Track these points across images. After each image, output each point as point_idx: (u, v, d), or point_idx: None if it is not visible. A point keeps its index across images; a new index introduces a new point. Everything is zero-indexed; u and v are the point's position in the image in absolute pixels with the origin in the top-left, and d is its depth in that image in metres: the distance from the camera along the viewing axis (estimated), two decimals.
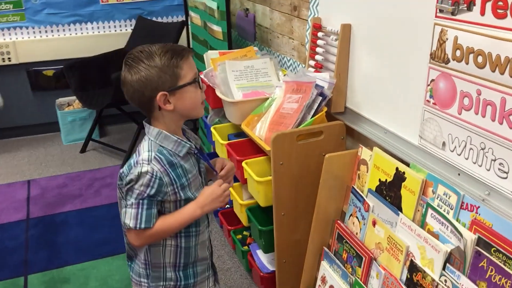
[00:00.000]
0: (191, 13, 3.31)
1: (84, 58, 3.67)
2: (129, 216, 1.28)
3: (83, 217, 2.85)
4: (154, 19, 4.04)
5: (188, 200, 1.34)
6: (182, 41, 3.69)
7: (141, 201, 1.27)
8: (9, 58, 3.79)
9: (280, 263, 1.99)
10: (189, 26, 3.53)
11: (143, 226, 1.28)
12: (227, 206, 2.61)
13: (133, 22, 4.03)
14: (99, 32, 4.01)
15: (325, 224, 1.84)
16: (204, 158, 1.42)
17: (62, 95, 3.99)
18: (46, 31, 3.88)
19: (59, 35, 3.92)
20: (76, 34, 3.96)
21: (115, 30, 4.05)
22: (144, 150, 1.29)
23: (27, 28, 3.81)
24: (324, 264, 1.80)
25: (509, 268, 1.17)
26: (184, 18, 3.98)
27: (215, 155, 2.51)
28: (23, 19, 3.80)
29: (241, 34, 2.98)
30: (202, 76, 2.45)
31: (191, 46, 3.59)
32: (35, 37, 3.85)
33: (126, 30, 4.06)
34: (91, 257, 2.48)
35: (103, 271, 2.39)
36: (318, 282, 1.83)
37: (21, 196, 3.08)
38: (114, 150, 3.73)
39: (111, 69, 3.70)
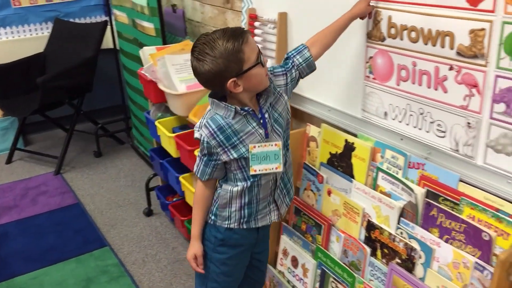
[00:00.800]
0: (116, 12, 3.28)
1: (3, 65, 3.50)
2: (195, 163, 1.54)
3: (24, 227, 2.75)
4: (71, 20, 3.92)
5: (241, 159, 1.46)
6: (107, 40, 3.64)
7: (201, 157, 1.50)
8: None
9: None
10: (114, 25, 3.49)
11: (198, 175, 1.53)
12: (178, 198, 2.65)
13: (50, 25, 3.89)
14: (13, 37, 3.83)
15: None
16: (248, 113, 1.44)
17: None
18: None
19: None
20: None
21: (31, 34, 3.89)
22: (202, 117, 1.47)
23: None
24: (284, 238, 1.92)
25: (456, 212, 1.35)
26: (105, 18, 3.93)
27: (161, 149, 2.54)
28: None
29: (170, 30, 3.01)
30: (142, 71, 2.47)
31: (117, 45, 3.55)
32: None
33: (43, 33, 3.91)
34: (41, 265, 2.42)
35: (56, 277, 2.34)
36: (280, 255, 1.95)
37: None
38: (43, 157, 3.59)
39: (34, 73, 3.57)
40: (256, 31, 2.15)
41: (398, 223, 1.50)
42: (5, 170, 3.48)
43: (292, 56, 1.58)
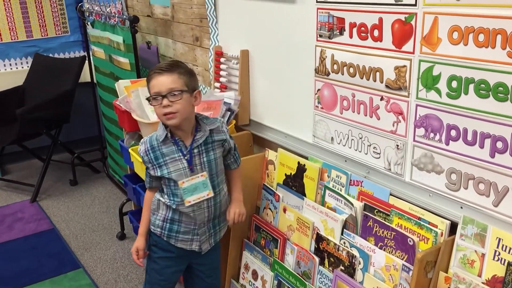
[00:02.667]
0: (94, 48, 3.49)
1: None
2: None
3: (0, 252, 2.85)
4: (51, 55, 4.12)
5: (163, 177, 1.69)
6: (85, 74, 3.83)
7: (146, 169, 1.75)
8: None
9: None
10: (92, 60, 3.69)
11: (146, 184, 1.78)
12: None
13: (29, 59, 4.07)
14: None
15: (244, 220, 2.14)
16: (176, 144, 1.67)
17: None
18: None
19: None
20: None
21: (11, 68, 4.06)
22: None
23: None
24: (246, 253, 2.10)
25: (388, 222, 1.56)
26: (83, 53, 4.13)
27: (135, 175, 2.71)
28: None
29: (144, 65, 3.23)
30: (117, 102, 2.66)
31: (94, 79, 3.75)
32: None
33: (23, 67, 4.09)
34: (14, 287, 2.52)
35: None
36: (242, 269, 2.12)
37: None
38: (20, 185, 3.71)
39: (12, 105, 3.72)
40: (222, 66, 2.38)
41: (342, 234, 1.69)
42: None
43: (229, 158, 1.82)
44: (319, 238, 1.76)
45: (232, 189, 1.84)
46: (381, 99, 1.60)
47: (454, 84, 1.37)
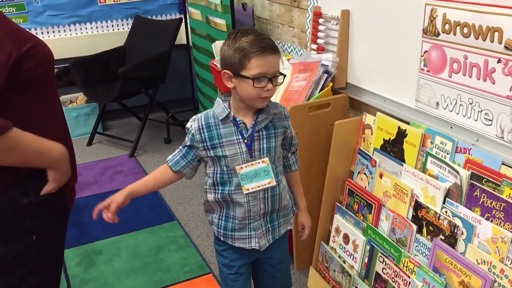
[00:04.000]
0: (191, 9, 3.56)
1: (87, 56, 3.87)
2: (172, 153, 1.55)
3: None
4: (149, 17, 4.27)
5: (218, 158, 1.48)
6: (180, 36, 3.94)
7: (182, 148, 1.53)
8: None
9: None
10: (188, 22, 3.78)
11: (170, 164, 1.54)
12: None
13: (130, 21, 4.25)
14: (97, 31, 4.22)
15: (336, 184, 2.13)
16: (237, 125, 1.46)
17: (65, 92, 4.18)
18: (48, 32, 4.06)
19: (60, 36, 4.11)
20: (76, 34, 4.15)
21: (113, 29, 4.26)
22: None
23: (29, 29, 3.98)
24: (337, 217, 2.09)
25: (497, 192, 1.47)
26: (179, 15, 4.24)
27: None
28: (25, 21, 3.98)
29: (239, 26, 3.24)
30: (214, 63, 2.71)
31: (190, 41, 3.84)
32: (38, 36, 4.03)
33: (124, 29, 4.27)
34: (118, 233, 2.72)
35: (131, 243, 2.63)
36: (333, 233, 2.12)
37: None
38: (119, 141, 3.95)
39: (114, 65, 3.93)
40: (320, 27, 2.33)
41: (444, 203, 1.62)
42: (87, 151, 3.85)
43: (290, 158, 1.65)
44: (418, 206, 1.70)
45: (296, 196, 1.69)
46: (498, 61, 1.48)
47: None
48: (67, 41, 4.11)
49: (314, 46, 2.39)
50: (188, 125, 1.50)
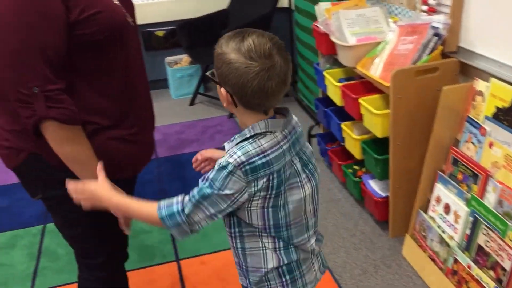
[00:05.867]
0: None
1: (192, 19, 4.01)
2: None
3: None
4: None
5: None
6: None
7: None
8: None
9: (394, 188, 2.23)
10: None
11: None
12: (337, 145, 2.85)
13: None
14: None
15: (439, 151, 2.05)
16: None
17: (170, 54, 4.38)
18: None
19: None
20: None
21: None
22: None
23: None
24: (439, 186, 2.02)
25: None
26: None
27: (326, 99, 2.76)
28: None
29: None
30: (317, 24, 2.69)
31: (292, 4, 3.82)
32: (147, 0, 4.23)
33: None
34: None
35: None
36: (432, 202, 2.05)
37: None
38: (219, 102, 4.07)
39: (217, 28, 4.03)
40: None
41: None
42: (188, 110, 4.04)
43: None
44: None
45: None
46: None
47: None
48: (174, 4, 4.26)
49: (425, 8, 2.27)
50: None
